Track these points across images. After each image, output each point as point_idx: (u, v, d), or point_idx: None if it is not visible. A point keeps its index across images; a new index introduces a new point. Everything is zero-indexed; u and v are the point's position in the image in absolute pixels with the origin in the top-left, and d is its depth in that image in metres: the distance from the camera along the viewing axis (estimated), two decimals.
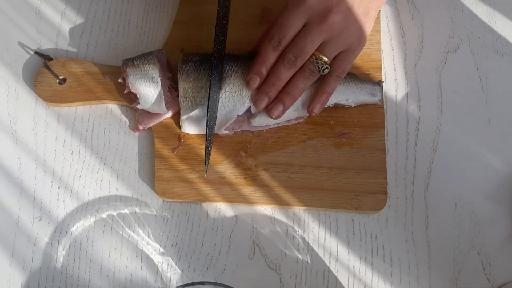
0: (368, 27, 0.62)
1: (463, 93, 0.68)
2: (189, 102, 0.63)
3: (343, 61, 0.61)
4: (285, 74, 0.60)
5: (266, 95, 0.61)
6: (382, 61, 0.69)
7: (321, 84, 0.62)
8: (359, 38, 0.61)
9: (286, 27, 0.58)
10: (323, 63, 0.59)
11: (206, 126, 0.60)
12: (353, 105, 0.65)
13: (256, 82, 0.61)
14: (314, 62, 0.59)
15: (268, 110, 0.62)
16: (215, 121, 0.62)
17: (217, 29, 0.61)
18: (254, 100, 0.62)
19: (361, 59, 0.68)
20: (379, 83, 0.66)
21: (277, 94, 0.61)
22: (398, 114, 0.67)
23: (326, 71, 0.60)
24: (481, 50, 0.70)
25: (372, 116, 0.66)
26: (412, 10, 0.73)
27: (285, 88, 0.61)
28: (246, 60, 0.63)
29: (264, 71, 0.60)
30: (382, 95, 0.66)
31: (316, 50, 0.59)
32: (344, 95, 0.65)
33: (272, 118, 0.62)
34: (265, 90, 0.61)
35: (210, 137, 0.61)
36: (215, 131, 0.63)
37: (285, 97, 0.61)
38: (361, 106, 0.66)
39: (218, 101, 0.62)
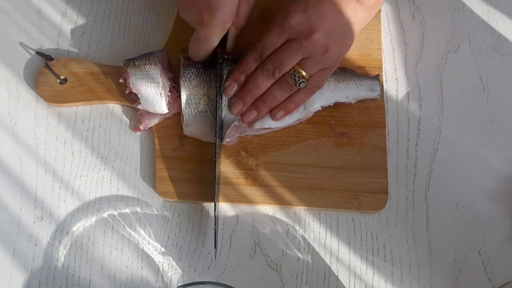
0: (347, 48, 0.62)
1: (464, 93, 0.68)
2: (191, 108, 0.63)
3: (319, 77, 0.61)
4: (263, 83, 0.61)
5: (241, 101, 0.62)
6: (383, 60, 0.69)
7: (292, 94, 0.62)
8: (338, 57, 0.62)
9: (268, 42, 0.60)
10: (300, 76, 0.60)
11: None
12: (353, 101, 0.65)
13: (233, 89, 0.62)
14: (292, 74, 0.60)
15: (241, 115, 0.63)
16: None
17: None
18: (230, 103, 0.62)
19: (362, 59, 0.68)
20: (377, 77, 0.66)
21: (254, 101, 0.62)
22: (399, 113, 0.67)
23: (302, 85, 0.60)
24: (481, 50, 0.70)
25: (372, 115, 0.66)
26: (413, 9, 0.73)
27: (261, 96, 0.62)
28: None
29: (242, 78, 0.62)
30: (381, 90, 0.66)
31: (297, 64, 0.60)
32: (344, 93, 0.65)
33: (244, 123, 0.63)
34: (241, 96, 0.62)
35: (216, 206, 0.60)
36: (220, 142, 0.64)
37: (260, 104, 0.62)
38: (362, 106, 0.66)
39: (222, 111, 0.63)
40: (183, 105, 0.63)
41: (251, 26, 0.69)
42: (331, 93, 0.64)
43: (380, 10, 0.71)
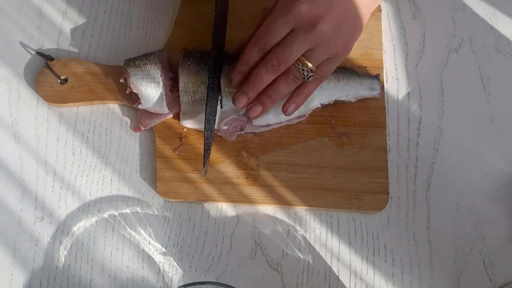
0: (356, 33, 0.61)
1: (464, 93, 0.68)
2: (189, 96, 0.63)
3: (326, 66, 0.60)
4: (267, 77, 0.59)
5: (245, 95, 0.60)
6: (384, 60, 0.69)
7: (300, 85, 0.60)
8: (346, 46, 0.60)
9: (273, 32, 0.58)
10: (308, 70, 0.58)
11: (205, 129, 0.60)
12: (353, 100, 0.65)
13: (238, 80, 0.60)
14: (299, 68, 0.58)
15: (247, 109, 0.61)
16: (214, 122, 0.62)
17: (215, 28, 0.61)
18: (234, 98, 0.60)
19: (363, 59, 0.68)
20: (377, 76, 0.66)
21: (258, 95, 0.60)
22: (399, 113, 0.67)
23: (311, 79, 0.59)
24: (482, 50, 0.70)
25: (373, 115, 0.66)
26: (414, 9, 0.72)
27: (266, 90, 0.60)
28: None
29: (246, 69, 0.60)
30: (381, 89, 0.66)
31: (302, 55, 0.58)
32: (344, 91, 0.65)
33: (251, 117, 0.61)
34: (245, 91, 0.60)
35: (209, 140, 0.60)
36: (215, 126, 0.63)
37: (265, 99, 0.60)
38: (363, 106, 0.66)
39: (218, 99, 0.62)
40: (180, 93, 0.63)
41: (250, 26, 0.69)
42: (331, 91, 0.64)
43: (380, 10, 0.71)
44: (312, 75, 0.58)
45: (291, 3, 0.57)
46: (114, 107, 0.67)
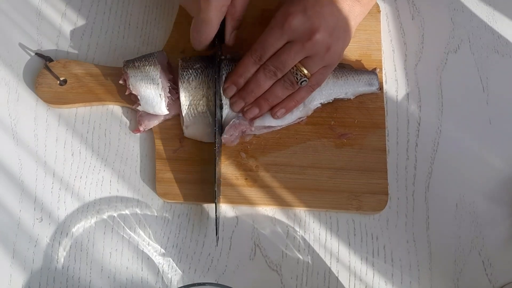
0: (347, 43, 0.62)
1: (463, 93, 0.68)
2: (191, 109, 0.63)
3: (320, 74, 0.61)
4: (265, 83, 0.61)
5: (243, 100, 0.62)
6: (383, 61, 0.69)
7: (293, 91, 0.62)
8: (340, 54, 0.62)
9: (269, 45, 0.59)
10: (302, 75, 0.60)
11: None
12: (352, 97, 0.66)
13: (232, 91, 0.62)
14: (294, 73, 0.60)
15: (243, 112, 0.63)
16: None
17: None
18: (231, 103, 0.62)
19: (362, 60, 0.68)
20: (375, 71, 0.66)
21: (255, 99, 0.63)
22: (398, 114, 0.67)
23: (303, 83, 0.60)
24: (481, 51, 0.70)
25: (372, 116, 0.66)
26: (413, 10, 0.72)
27: (263, 94, 0.62)
28: None
29: (242, 81, 0.62)
30: (380, 85, 0.66)
31: (299, 62, 0.59)
32: (343, 89, 0.65)
33: (246, 119, 0.63)
34: (243, 96, 0.62)
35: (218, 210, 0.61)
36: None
37: (262, 102, 0.62)
38: (362, 106, 0.66)
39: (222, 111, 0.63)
40: (182, 107, 0.63)
41: (250, 27, 0.69)
42: (330, 90, 0.65)
43: (379, 11, 0.71)
44: (305, 80, 0.60)
45: (285, 17, 0.58)
46: (114, 108, 0.67)
